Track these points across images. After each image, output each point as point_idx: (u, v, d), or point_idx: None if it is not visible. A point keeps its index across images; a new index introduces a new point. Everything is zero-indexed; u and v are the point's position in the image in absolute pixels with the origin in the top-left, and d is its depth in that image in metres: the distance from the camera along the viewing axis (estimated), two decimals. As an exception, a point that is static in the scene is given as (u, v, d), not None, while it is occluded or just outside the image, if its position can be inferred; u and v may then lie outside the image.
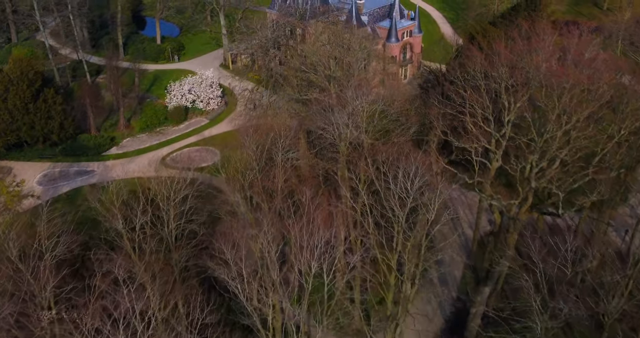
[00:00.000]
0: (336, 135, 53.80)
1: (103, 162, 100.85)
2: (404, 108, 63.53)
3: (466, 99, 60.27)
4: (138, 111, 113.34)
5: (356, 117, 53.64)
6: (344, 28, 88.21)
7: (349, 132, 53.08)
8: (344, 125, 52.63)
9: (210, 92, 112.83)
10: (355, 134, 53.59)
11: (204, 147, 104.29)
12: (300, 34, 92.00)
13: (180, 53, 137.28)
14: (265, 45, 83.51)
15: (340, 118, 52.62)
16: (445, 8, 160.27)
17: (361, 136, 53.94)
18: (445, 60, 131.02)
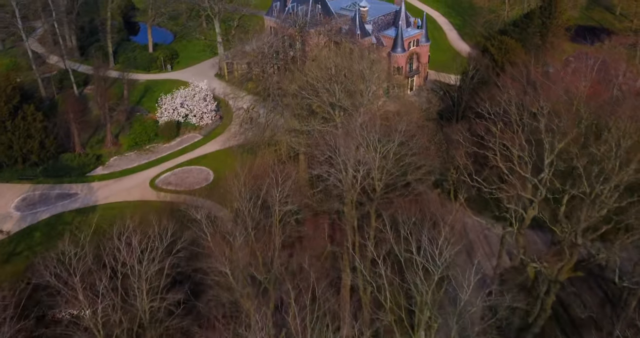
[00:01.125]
0: (343, 181, 45.07)
1: (87, 183, 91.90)
2: (421, 144, 54.49)
3: (498, 136, 51.13)
4: (127, 126, 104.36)
5: (366, 163, 44.86)
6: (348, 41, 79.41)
7: (359, 180, 44.35)
8: (353, 170, 43.87)
9: (203, 106, 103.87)
10: (365, 179, 44.89)
11: (196, 166, 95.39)
12: (300, 49, 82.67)
13: (173, 62, 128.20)
14: (262, 62, 74.49)
15: (348, 160, 43.87)
16: (451, 13, 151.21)
17: (373, 181, 45.23)
18: (452, 69, 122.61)
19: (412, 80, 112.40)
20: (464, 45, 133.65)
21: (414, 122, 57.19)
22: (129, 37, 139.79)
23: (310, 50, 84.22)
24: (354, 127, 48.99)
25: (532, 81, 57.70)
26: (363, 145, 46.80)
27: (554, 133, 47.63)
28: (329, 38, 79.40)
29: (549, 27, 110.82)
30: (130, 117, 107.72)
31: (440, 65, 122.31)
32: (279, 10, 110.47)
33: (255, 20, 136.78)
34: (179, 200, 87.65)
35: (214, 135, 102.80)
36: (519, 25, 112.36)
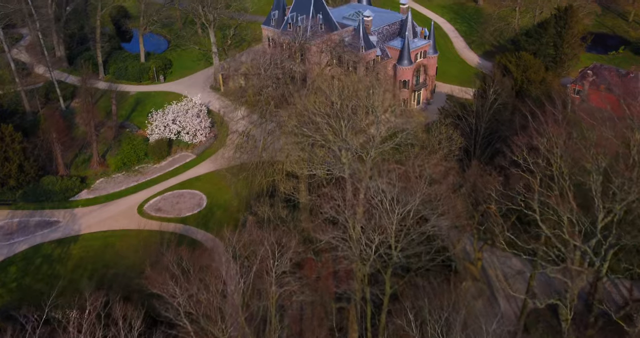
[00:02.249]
0: (353, 249, 37.12)
1: (70, 209, 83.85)
2: (445, 199, 46.22)
3: (538, 192, 42.85)
4: (115, 144, 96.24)
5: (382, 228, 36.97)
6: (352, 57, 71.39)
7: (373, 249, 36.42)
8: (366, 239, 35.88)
9: (197, 122, 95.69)
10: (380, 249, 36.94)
11: (188, 190, 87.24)
12: (300, 68, 74.10)
13: (166, 72, 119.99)
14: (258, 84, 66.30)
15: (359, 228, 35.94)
16: (457, 19, 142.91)
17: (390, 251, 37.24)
18: (460, 80, 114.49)
19: (418, 94, 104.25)
20: (471, 55, 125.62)
21: (436, 168, 49.29)
22: (120, 45, 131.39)
23: (312, 69, 75.90)
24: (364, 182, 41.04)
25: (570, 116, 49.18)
26: (377, 209, 39.02)
27: (613, 195, 39.55)
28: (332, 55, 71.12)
29: (564, 37, 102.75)
30: (119, 134, 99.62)
31: (448, 76, 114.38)
32: (278, 19, 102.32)
33: (253, 27, 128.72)
34: (168, 228, 79.82)
35: (207, 154, 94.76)
36: (532, 35, 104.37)
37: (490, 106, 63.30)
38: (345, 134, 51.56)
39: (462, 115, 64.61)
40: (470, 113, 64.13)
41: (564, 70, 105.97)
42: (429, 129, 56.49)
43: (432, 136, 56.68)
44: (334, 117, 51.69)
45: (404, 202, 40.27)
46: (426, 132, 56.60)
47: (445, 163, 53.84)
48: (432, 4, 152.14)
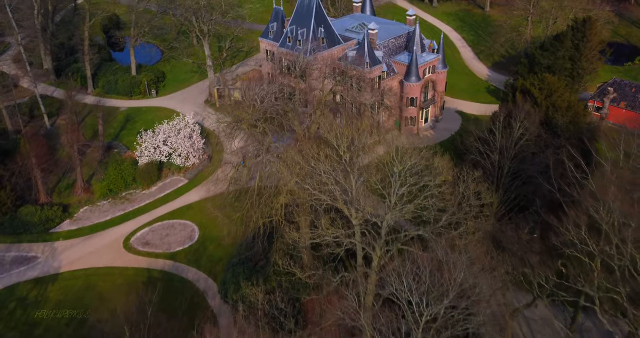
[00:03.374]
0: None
1: (50, 243, 75.91)
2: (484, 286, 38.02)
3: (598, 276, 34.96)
4: (101, 167, 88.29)
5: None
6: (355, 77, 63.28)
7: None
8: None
9: (189, 145, 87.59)
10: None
11: (179, 220, 79.21)
12: (300, 99, 65.60)
13: (158, 85, 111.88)
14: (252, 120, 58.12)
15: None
16: (464, 28, 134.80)
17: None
18: (469, 94, 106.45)
19: (426, 111, 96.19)
20: (480, 66, 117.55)
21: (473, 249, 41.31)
22: (111, 56, 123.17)
23: (314, 95, 67.59)
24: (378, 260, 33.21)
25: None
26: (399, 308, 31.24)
27: None
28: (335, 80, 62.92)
29: (582, 51, 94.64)
30: (106, 155, 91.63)
31: (457, 90, 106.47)
32: (276, 32, 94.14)
33: (250, 37, 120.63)
34: (156, 265, 71.89)
35: (200, 178, 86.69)
36: (548, 48, 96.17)
37: (516, 142, 55.27)
38: (356, 192, 43.62)
39: (484, 151, 56.66)
40: (494, 149, 56.09)
41: (581, 85, 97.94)
42: (454, 182, 48.65)
43: (457, 191, 48.60)
44: (342, 171, 43.89)
45: (434, 298, 32.54)
46: (451, 183, 48.58)
47: (479, 238, 45.93)
48: (437, 11, 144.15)
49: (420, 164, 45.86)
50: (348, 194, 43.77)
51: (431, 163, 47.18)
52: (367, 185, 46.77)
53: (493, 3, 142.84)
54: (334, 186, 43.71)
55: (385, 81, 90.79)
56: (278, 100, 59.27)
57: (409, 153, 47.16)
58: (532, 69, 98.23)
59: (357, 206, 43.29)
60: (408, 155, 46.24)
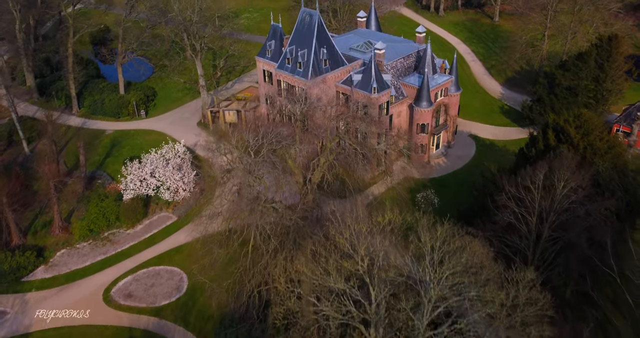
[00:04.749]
0: None
1: (22, 294, 66.43)
2: None
3: None
4: (84, 201, 78.63)
5: None
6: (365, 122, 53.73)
7: None
8: None
9: (179, 177, 77.98)
10: None
11: (166, 267, 69.67)
12: (300, 150, 55.68)
13: (148, 105, 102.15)
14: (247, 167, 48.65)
15: None
16: (473, 39, 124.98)
17: None
18: (483, 115, 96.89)
19: (437, 137, 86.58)
20: (492, 83, 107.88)
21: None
22: (99, 72, 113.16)
23: (319, 153, 57.11)
24: None
25: None
26: None
27: None
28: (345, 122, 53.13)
29: (607, 71, 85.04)
30: (89, 186, 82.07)
31: (469, 110, 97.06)
32: (274, 50, 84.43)
33: (247, 48, 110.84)
34: (139, 324, 62.40)
35: (191, 215, 76.92)
36: (570, 68, 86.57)
37: (559, 201, 45.67)
38: (378, 305, 34.22)
39: (520, 212, 47.24)
40: (531, 210, 46.56)
41: (606, 107, 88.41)
42: (502, 286, 39.18)
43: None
44: (359, 280, 34.63)
45: None
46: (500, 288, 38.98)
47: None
48: (444, 21, 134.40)
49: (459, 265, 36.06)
50: (367, 310, 34.40)
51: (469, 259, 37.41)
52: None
53: (502, 12, 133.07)
54: (350, 306, 34.36)
55: (394, 106, 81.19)
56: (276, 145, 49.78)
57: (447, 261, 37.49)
58: (551, 90, 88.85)
59: (379, 324, 33.79)
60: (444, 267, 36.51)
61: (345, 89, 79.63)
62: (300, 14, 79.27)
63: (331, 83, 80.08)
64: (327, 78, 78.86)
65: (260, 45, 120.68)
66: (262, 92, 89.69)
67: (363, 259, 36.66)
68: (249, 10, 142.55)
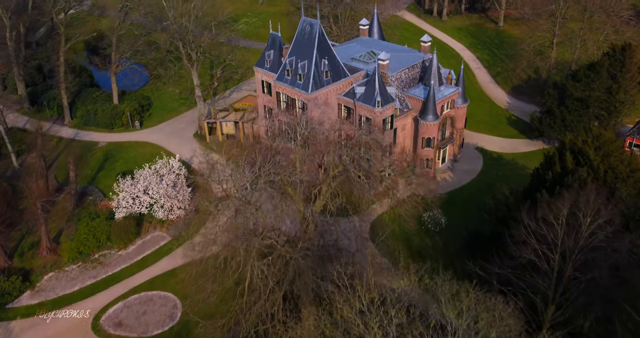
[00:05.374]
0: None
1: (6, 323, 62.22)
2: None
3: None
4: (74, 220, 74.42)
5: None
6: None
7: None
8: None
9: (174, 195, 73.73)
10: None
11: (159, 292, 65.45)
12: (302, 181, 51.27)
13: (143, 115, 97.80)
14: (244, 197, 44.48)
15: None
16: (477, 45, 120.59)
17: None
18: (490, 126, 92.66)
19: (443, 151, 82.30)
20: (498, 92, 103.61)
21: None
22: (93, 81, 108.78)
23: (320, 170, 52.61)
24: None
25: None
26: None
27: None
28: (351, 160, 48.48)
29: (620, 82, 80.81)
30: (80, 203, 77.80)
31: (475, 121, 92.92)
32: (273, 61, 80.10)
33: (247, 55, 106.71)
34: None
35: (186, 235, 72.54)
36: (581, 79, 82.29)
37: (585, 239, 41.30)
38: None
39: (541, 250, 42.84)
40: (553, 247, 42.20)
41: (619, 119, 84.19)
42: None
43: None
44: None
45: None
46: None
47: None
48: (447, 25, 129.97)
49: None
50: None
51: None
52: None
53: (507, 17, 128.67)
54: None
55: (398, 119, 76.92)
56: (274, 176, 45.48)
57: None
58: (562, 102, 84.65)
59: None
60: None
61: (348, 101, 75.36)
62: (301, 24, 74.93)
63: (333, 97, 75.83)
64: (329, 97, 74.55)
65: (259, 51, 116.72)
66: (260, 103, 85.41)
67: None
68: (248, 15, 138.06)
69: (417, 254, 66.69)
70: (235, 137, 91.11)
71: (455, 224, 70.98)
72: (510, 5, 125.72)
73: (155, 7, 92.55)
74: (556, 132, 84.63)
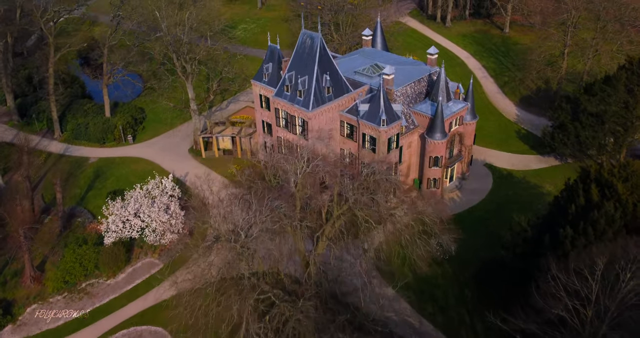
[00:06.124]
0: None
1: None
2: None
3: None
4: (59, 246, 69.39)
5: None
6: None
7: None
8: None
9: (166, 218, 68.69)
10: None
11: (149, 326, 60.42)
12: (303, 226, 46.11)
13: (136, 129, 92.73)
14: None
15: None
16: (483, 53, 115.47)
17: None
18: (499, 141, 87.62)
19: (451, 169, 77.26)
20: (506, 103, 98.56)
21: None
22: (84, 91, 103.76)
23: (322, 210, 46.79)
24: None
25: None
26: None
27: None
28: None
29: (638, 96, 75.72)
30: (68, 224, 72.87)
31: (483, 135, 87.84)
32: (271, 74, 75.10)
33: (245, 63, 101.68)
34: None
35: (179, 261, 67.56)
36: (596, 93, 77.25)
37: (624, 296, 36.35)
38: None
39: (573, 305, 37.94)
40: (587, 302, 37.30)
41: (636, 135, 79.13)
42: None
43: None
44: None
45: None
46: None
47: None
48: (452, 32, 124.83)
49: None
50: None
51: None
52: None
53: (513, 23, 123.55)
54: None
55: (404, 137, 71.92)
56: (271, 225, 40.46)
57: None
58: (575, 116, 79.63)
59: None
60: None
61: (351, 118, 70.30)
62: (301, 37, 69.80)
63: (335, 114, 70.81)
64: (331, 114, 69.55)
65: (257, 59, 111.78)
66: (258, 118, 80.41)
67: None
68: (246, 21, 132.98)
69: (426, 284, 61.86)
70: (232, 152, 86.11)
71: (465, 251, 65.89)
72: (516, 11, 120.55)
73: (149, 16, 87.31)
74: (570, 149, 79.70)
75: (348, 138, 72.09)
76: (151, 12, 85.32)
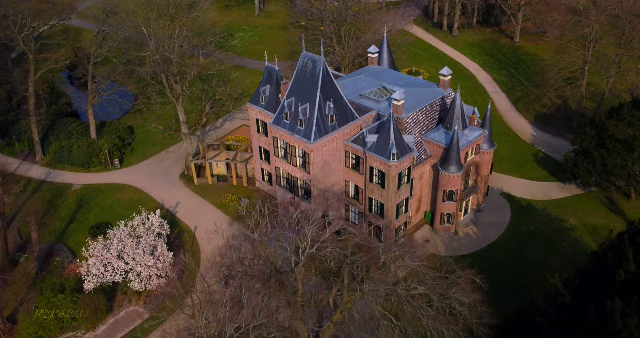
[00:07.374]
0: None
1: None
2: None
3: None
4: (35, 292, 61.48)
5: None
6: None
7: None
8: None
9: (152, 263, 60.75)
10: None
11: (132, 392, 52.57)
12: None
13: (124, 151, 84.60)
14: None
15: None
16: (493, 65, 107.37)
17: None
18: (516, 166, 79.73)
19: (466, 202, 69.37)
20: (521, 122, 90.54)
21: None
22: (71, 108, 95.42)
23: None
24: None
25: None
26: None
27: None
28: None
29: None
30: (46, 264, 65.04)
31: (499, 160, 79.85)
32: (269, 98, 67.19)
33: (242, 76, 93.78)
34: None
35: (165, 311, 59.38)
36: (624, 117, 69.31)
37: None
38: None
39: None
40: None
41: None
42: None
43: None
44: None
45: None
46: None
47: None
48: (459, 41, 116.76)
49: None
50: None
51: None
52: None
53: (523, 32, 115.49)
54: None
55: (416, 169, 63.99)
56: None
57: None
58: (601, 142, 71.69)
59: None
60: None
61: (357, 149, 62.31)
62: (302, 60, 61.68)
63: (339, 145, 62.85)
64: (335, 144, 61.54)
65: (255, 72, 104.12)
66: (255, 144, 72.56)
67: None
68: (243, 29, 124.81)
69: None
70: (227, 179, 78.21)
71: (484, 302, 57.81)
72: (528, 20, 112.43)
73: (135, 31, 79.18)
74: (595, 178, 71.84)
75: (354, 170, 64.18)
76: (139, 26, 77.24)
